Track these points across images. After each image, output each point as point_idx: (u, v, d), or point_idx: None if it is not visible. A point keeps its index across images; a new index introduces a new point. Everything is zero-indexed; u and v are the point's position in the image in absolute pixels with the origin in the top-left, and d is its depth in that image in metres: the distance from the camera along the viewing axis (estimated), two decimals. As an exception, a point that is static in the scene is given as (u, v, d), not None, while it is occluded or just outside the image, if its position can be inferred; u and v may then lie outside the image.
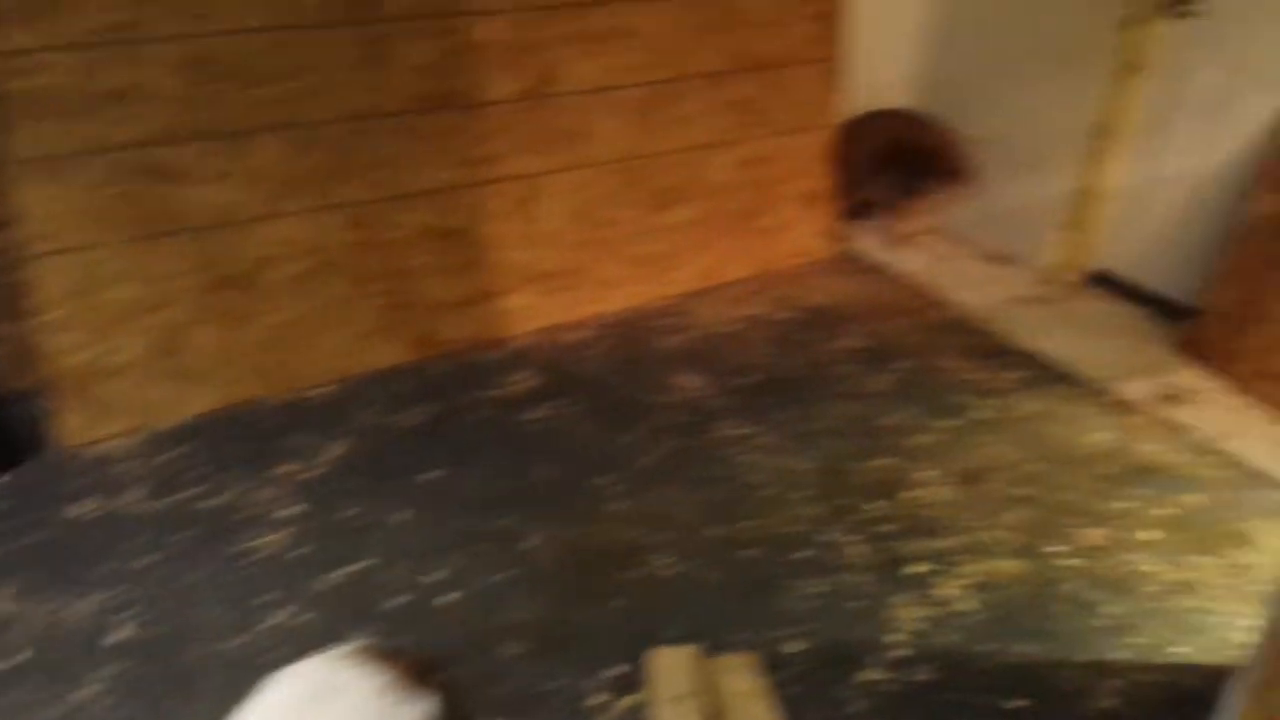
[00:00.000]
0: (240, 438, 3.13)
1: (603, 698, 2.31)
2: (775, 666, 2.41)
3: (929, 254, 4.52)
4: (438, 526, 2.82)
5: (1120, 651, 2.52)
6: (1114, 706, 2.36)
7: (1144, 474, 3.16)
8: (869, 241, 4.57)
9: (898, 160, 4.40)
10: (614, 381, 3.50)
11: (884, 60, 4.65)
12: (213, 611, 2.50)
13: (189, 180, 3.02)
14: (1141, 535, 2.90)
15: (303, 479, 2.97)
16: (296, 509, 2.85)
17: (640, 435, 3.23)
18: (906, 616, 2.58)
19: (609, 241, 3.82)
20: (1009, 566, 2.77)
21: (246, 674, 1.48)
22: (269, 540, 2.74)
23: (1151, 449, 3.28)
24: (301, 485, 2.94)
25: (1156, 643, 2.54)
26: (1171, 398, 3.57)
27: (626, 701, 2.30)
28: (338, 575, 2.63)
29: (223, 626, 2.46)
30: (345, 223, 3.28)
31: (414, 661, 1.32)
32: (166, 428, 3.16)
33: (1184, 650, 2.53)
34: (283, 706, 1.22)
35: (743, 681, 2.32)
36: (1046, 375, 3.67)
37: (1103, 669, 2.46)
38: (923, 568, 2.75)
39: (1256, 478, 3.17)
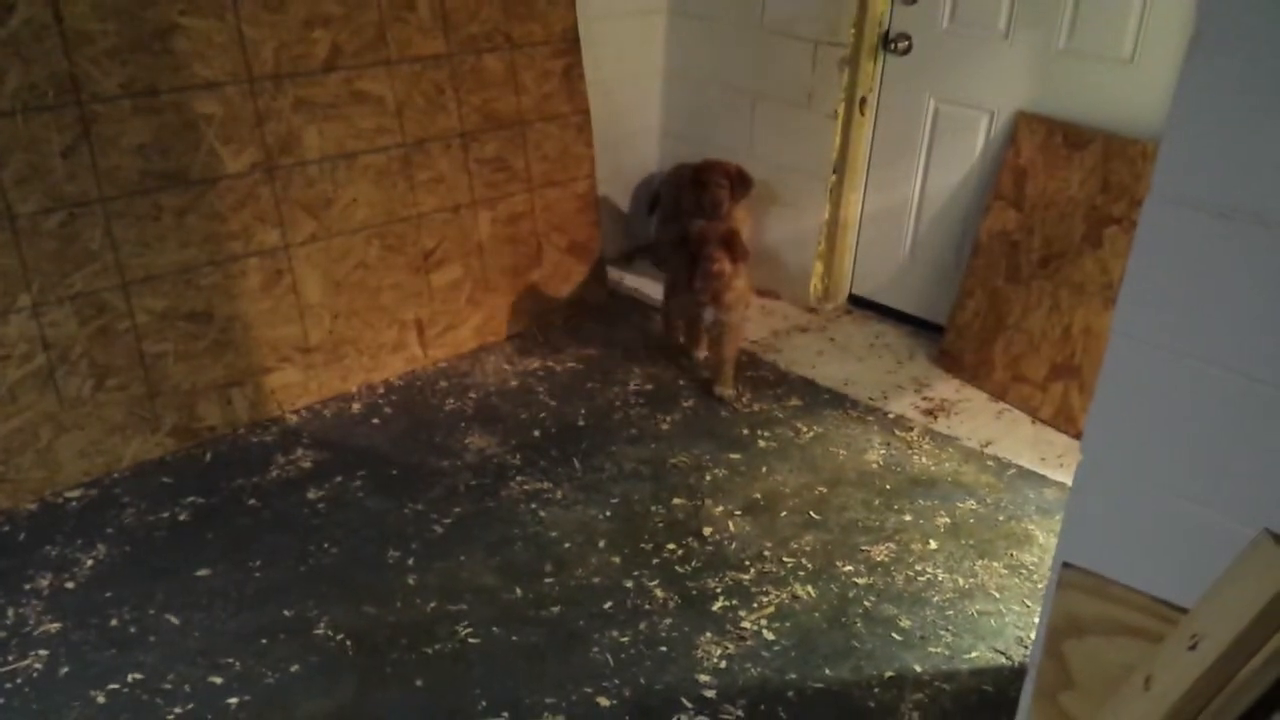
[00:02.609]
0: (-19, 555, 2.83)
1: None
2: (590, 724, 2.35)
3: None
4: (217, 624, 2.62)
5: (920, 663, 2.59)
6: (918, 716, 2.43)
7: (920, 486, 3.30)
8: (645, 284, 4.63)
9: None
10: (397, 450, 3.38)
11: (631, 112, 4.75)
12: (-40, 755, 2.23)
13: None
14: (926, 546, 3.02)
15: (60, 591, 2.70)
16: (55, 624, 2.58)
17: (430, 503, 3.12)
18: (714, 654, 2.58)
19: (376, 308, 3.70)
20: (806, 592, 2.81)
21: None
22: (25, 664, 2.46)
23: (924, 462, 3.44)
24: (59, 598, 2.67)
25: (953, 650, 2.64)
26: (935, 411, 3.76)
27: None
28: (109, 690, 2.39)
29: (-27, 770, 2.19)
30: (75, 315, 3.03)
31: None
32: (-110, 554, 2.82)
33: (980, 654, 2.63)
34: None
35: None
36: (821, 400, 3.80)
37: (904, 683, 2.53)
38: (725, 603, 2.76)
39: (1025, 478, 3.37)
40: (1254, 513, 1.63)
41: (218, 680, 2.44)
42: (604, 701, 2.43)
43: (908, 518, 3.14)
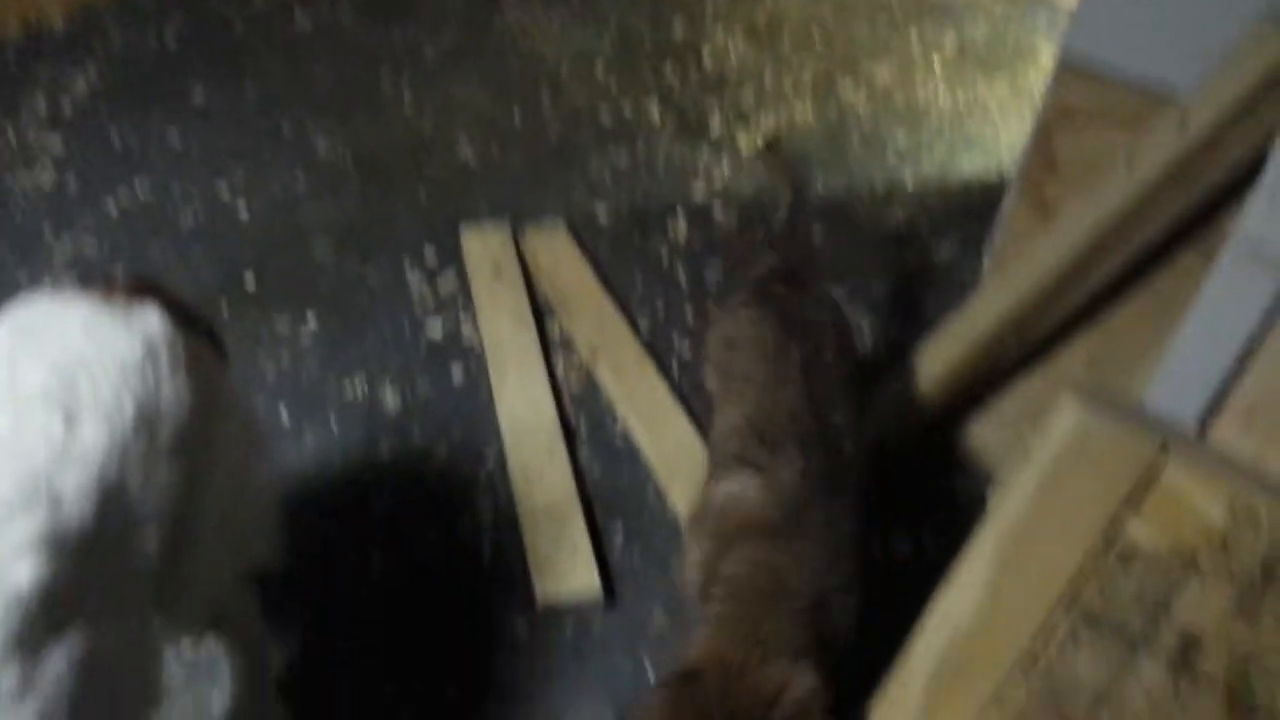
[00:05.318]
0: (-28, 79, 2.78)
1: (420, 277, 2.28)
2: (587, 232, 2.42)
3: None
4: (215, 140, 2.62)
5: (912, 178, 2.63)
6: (905, 223, 2.50)
7: (933, 9, 3.18)
8: None
9: None
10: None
11: None
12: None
13: None
14: (930, 69, 2.96)
15: (58, 114, 2.68)
16: (58, 144, 2.58)
17: (420, 28, 3.02)
18: (710, 172, 2.61)
19: None
20: (805, 113, 2.80)
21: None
22: (33, 178, 2.48)
23: (935, -16, 3.29)
24: (58, 120, 2.66)
25: (945, 166, 2.66)
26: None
27: (445, 280, 2.28)
28: (118, 199, 2.44)
29: (2, 262, 2.27)
30: None
31: (128, 285, 1.22)
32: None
33: (971, 168, 2.66)
34: None
35: (555, 249, 2.34)
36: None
37: (894, 197, 2.58)
38: (724, 124, 2.75)
39: (1040, 2, 3.22)
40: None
41: (224, 192, 2.48)
42: (602, 209, 2.49)
43: (914, 41, 3.06)
